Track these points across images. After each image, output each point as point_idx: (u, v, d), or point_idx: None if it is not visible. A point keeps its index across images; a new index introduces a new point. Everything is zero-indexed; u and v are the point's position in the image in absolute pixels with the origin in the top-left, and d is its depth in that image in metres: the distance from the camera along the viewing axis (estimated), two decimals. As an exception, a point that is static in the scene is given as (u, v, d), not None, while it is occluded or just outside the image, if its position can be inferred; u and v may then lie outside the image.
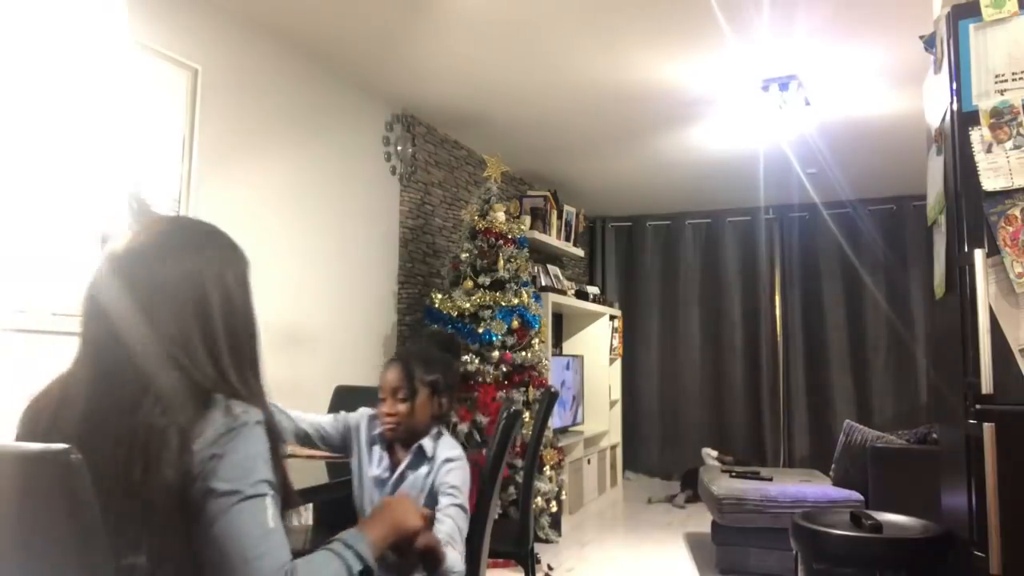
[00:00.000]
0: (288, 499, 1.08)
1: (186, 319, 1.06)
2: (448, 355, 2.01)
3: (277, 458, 1.06)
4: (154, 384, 1.02)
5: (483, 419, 3.94)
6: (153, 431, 0.98)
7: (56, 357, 2.46)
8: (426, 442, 1.86)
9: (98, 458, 0.97)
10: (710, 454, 6.00)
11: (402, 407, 1.85)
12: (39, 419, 1.08)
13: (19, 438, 1.10)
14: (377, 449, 1.91)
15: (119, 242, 1.10)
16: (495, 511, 2.19)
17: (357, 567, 1.08)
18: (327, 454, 2.28)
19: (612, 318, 6.48)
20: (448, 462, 1.81)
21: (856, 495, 3.75)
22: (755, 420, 6.65)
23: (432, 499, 1.78)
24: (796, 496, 3.77)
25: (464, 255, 4.23)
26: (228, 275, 1.12)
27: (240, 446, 1.00)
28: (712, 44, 3.48)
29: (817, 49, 3.53)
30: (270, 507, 1.01)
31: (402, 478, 1.84)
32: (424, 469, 1.83)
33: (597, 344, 6.28)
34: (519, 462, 3.91)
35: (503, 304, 4.10)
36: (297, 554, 1.04)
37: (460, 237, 4.57)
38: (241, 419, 1.02)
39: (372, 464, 1.89)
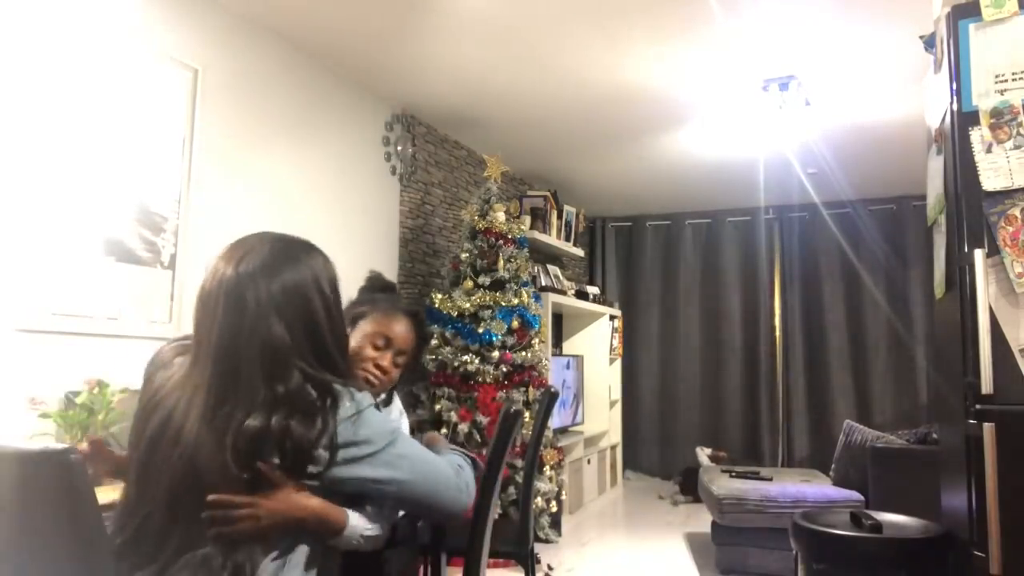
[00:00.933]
0: None
1: (299, 325, 1.21)
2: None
3: None
4: (281, 387, 1.15)
5: (483, 419, 3.94)
6: (292, 432, 1.12)
7: (56, 357, 2.45)
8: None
9: (215, 466, 1.10)
10: (704, 452, 6.02)
11: (395, 371, 1.74)
12: (149, 417, 1.20)
13: (145, 418, 1.22)
14: None
15: (229, 260, 1.24)
16: (495, 511, 2.19)
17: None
18: None
19: (612, 318, 6.48)
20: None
21: (856, 495, 3.75)
22: (755, 420, 6.65)
23: None
24: (796, 496, 3.77)
25: (464, 255, 4.23)
26: (324, 282, 1.28)
27: (366, 426, 1.20)
28: (712, 44, 3.48)
29: (817, 49, 3.53)
30: (404, 441, 1.26)
31: None
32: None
33: (597, 344, 6.28)
34: (519, 462, 3.91)
35: (503, 304, 4.10)
36: None
37: (460, 237, 4.57)
38: (364, 403, 1.21)
39: None
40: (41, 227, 2.39)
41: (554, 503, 4.38)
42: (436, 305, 4.13)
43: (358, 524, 1.23)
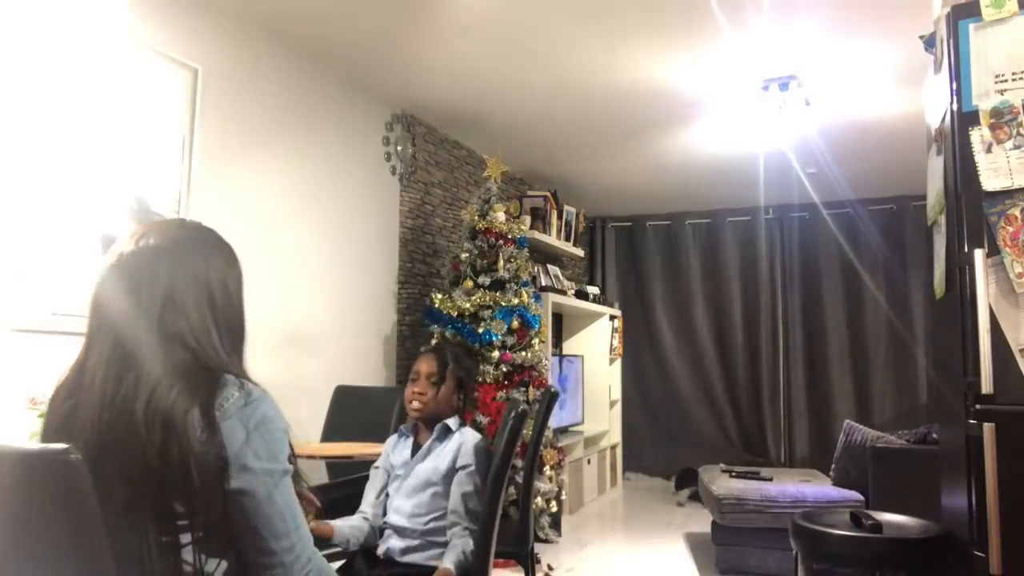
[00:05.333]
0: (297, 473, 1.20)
1: (195, 309, 1.16)
2: (472, 362, 2.31)
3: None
4: (169, 368, 1.10)
5: (483, 419, 3.94)
6: (176, 411, 1.05)
7: (56, 357, 2.46)
8: (450, 421, 2.12)
9: (124, 443, 1.04)
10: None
11: (431, 390, 2.12)
12: (59, 410, 1.14)
13: (45, 429, 1.16)
14: (404, 440, 2.18)
15: (131, 240, 1.18)
16: (501, 511, 2.20)
17: None
18: (328, 454, 2.41)
19: (612, 318, 6.48)
20: (472, 443, 2.08)
21: (856, 495, 3.75)
22: (755, 420, 6.65)
23: (452, 468, 2.04)
24: (796, 496, 3.77)
25: (464, 255, 4.23)
26: (229, 274, 1.24)
27: (268, 423, 1.11)
28: (712, 44, 3.48)
29: (817, 49, 3.53)
30: (291, 483, 1.13)
31: (428, 451, 2.10)
32: (451, 443, 2.09)
33: (597, 344, 6.28)
34: (519, 462, 3.90)
35: (503, 304, 4.10)
36: None
37: (460, 237, 4.57)
38: (255, 393, 1.12)
39: (400, 451, 2.16)
40: (41, 227, 2.39)
41: (554, 503, 4.38)
42: (436, 305, 4.13)
43: None
